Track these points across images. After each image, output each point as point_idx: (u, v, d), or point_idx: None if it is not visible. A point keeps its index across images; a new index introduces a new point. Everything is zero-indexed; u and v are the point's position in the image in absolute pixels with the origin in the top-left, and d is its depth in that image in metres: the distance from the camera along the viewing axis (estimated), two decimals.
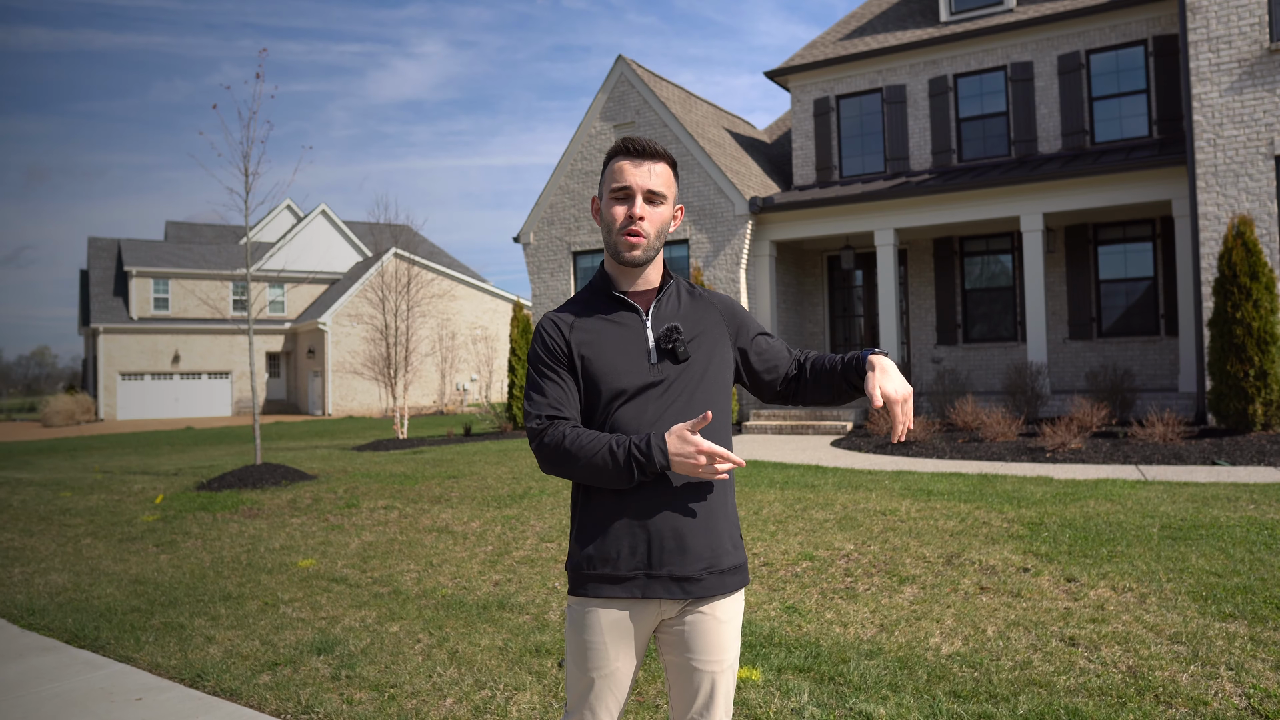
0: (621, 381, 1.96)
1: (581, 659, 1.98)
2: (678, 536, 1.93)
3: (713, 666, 1.99)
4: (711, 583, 1.96)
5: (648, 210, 1.99)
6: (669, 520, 1.93)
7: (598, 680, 1.97)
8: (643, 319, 2.02)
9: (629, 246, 1.98)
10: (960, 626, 4.22)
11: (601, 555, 1.95)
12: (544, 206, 17.51)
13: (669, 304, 2.05)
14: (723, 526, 1.99)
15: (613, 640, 1.96)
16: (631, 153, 2.00)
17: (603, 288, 2.07)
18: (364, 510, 8.37)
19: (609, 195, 2.01)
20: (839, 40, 17.08)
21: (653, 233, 2.00)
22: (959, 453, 10.32)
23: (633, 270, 2.04)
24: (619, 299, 2.03)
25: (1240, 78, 10.83)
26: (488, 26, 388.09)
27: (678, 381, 1.98)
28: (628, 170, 1.99)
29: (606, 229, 2.02)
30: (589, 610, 1.98)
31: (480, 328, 37.71)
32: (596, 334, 2.01)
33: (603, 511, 1.95)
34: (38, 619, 5.34)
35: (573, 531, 2.03)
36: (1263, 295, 9.70)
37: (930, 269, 16.12)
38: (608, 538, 1.95)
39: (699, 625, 1.97)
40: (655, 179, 1.99)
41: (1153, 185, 12.49)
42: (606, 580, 1.95)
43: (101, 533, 8.09)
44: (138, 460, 15.22)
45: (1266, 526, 5.69)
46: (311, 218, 41.08)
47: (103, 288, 36.37)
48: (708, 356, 2.02)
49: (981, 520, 6.32)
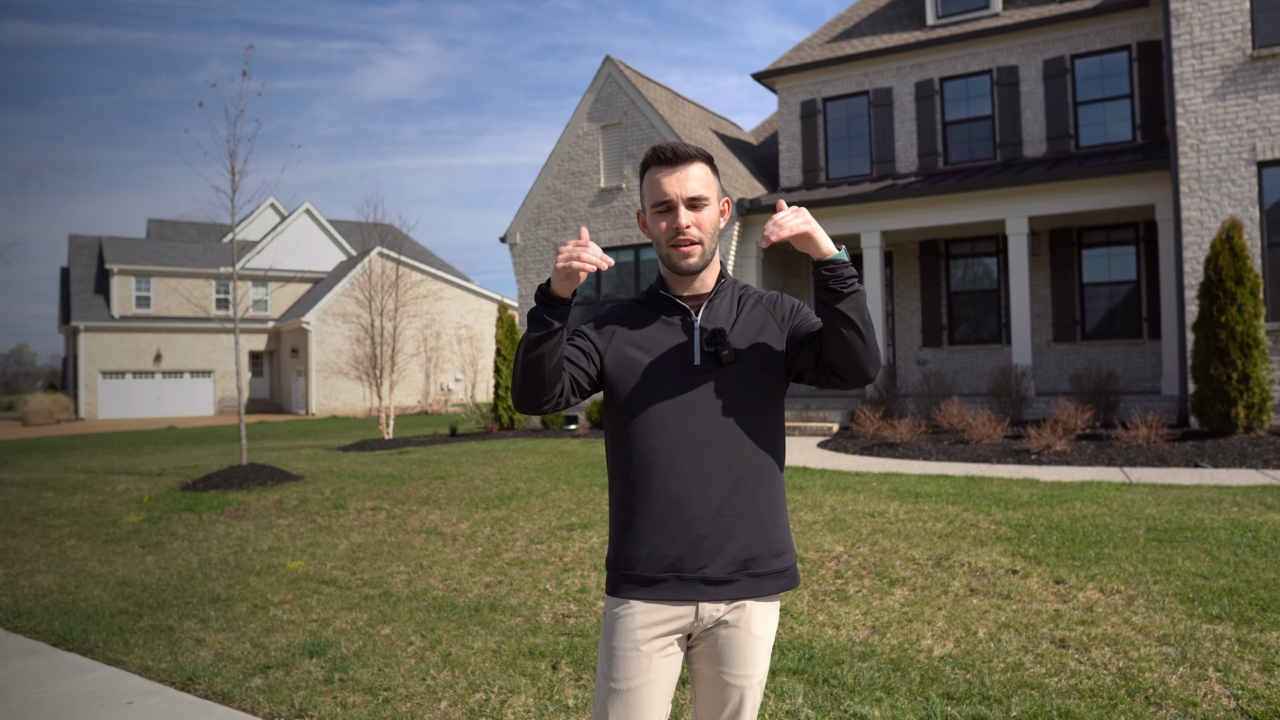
0: (662, 380, 1.94)
1: (607, 667, 1.92)
2: (717, 535, 1.88)
3: (743, 681, 1.94)
4: (746, 585, 1.90)
5: (693, 217, 1.94)
6: (708, 516, 1.88)
7: (620, 694, 1.89)
8: (692, 320, 1.99)
9: (683, 257, 1.95)
10: (951, 628, 4.25)
11: (633, 554, 1.91)
12: (531, 207, 17.49)
13: (721, 306, 2.01)
14: (768, 525, 1.93)
15: (639, 649, 1.89)
16: (664, 161, 1.95)
17: (659, 288, 2.05)
18: (351, 511, 8.34)
19: (652, 210, 1.97)
20: (826, 43, 17.15)
21: (705, 237, 1.96)
22: (945, 454, 10.39)
23: (689, 277, 2.01)
24: (670, 300, 2.01)
25: (1223, 84, 10.95)
26: (477, 25, 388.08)
27: (722, 382, 1.93)
28: (664, 180, 1.94)
29: (656, 242, 1.99)
30: (617, 615, 1.93)
31: (465, 327, 37.60)
32: (644, 334, 1.99)
33: (638, 504, 1.92)
34: (24, 621, 5.29)
35: (610, 526, 2.00)
36: (1247, 300, 9.81)
37: (916, 271, 16.21)
38: (639, 534, 1.91)
39: (733, 639, 1.92)
40: (694, 183, 1.94)
41: (1136, 190, 12.61)
42: (637, 582, 1.90)
43: (86, 534, 8.02)
44: (120, 460, 15.08)
45: (1250, 529, 5.76)
46: (295, 216, 40.84)
47: (83, 285, 36.02)
48: (756, 359, 1.97)
49: (969, 522, 6.37)
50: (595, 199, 16.70)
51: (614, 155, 16.56)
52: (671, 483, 1.89)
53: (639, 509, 1.92)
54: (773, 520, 1.95)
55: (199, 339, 36.39)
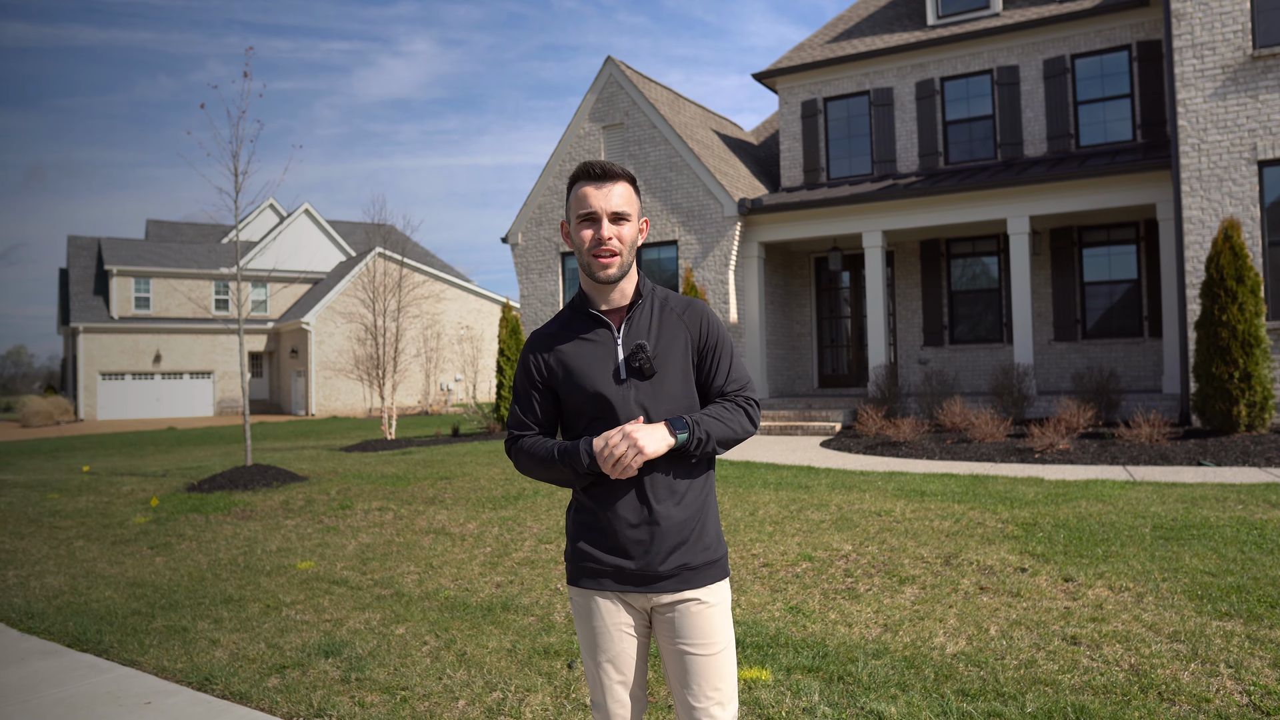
0: (591, 397, 2.13)
1: (589, 645, 2.19)
2: (655, 536, 2.10)
3: (703, 650, 2.13)
4: (685, 578, 2.12)
5: (615, 230, 2.12)
6: (643, 519, 2.09)
7: (603, 663, 2.17)
8: (614, 335, 2.16)
9: (602, 266, 2.12)
10: (963, 626, 4.28)
11: (587, 550, 2.15)
12: (532, 207, 17.51)
13: (640, 320, 2.18)
14: (696, 525, 2.14)
15: (606, 626, 2.16)
16: (593, 177, 2.13)
17: (580, 306, 2.21)
18: (358, 512, 8.36)
19: (576, 220, 2.14)
20: (827, 43, 17.18)
21: (624, 250, 2.13)
22: (949, 453, 10.42)
23: (608, 286, 2.16)
24: (594, 316, 2.18)
25: (1224, 83, 11.00)
26: (477, 25, 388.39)
27: (645, 395, 2.11)
28: (591, 195, 2.12)
29: (578, 250, 2.16)
30: (584, 600, 2.18)
31: (465, 327, 37.61)
32: (572, 353, 2.17)
33: (588, 509, 2.15)
34: (37, 623, 5.31)
35: (567, 525, 2.25)
36: (1248, 299, 9.85)
37: (917, 271, 16.24)
38: (592, 533, 2.15)
39: (687, 612, 2.13)
40: (618, 200, 2.12)
41: (1137, 189, 12.65)
42: (591, 574, 2.15)
43: (94, 535, 8.03)
44: (123, 461, 15.09)
45: (1256, 526, 5.80)
46: (295, 217, 40.83)
47: (82, 286, 35.99)
48: (677, 371, 2.15)
49: (976, 521, 6.40)
50: None
51: (615, 155, 16.58)
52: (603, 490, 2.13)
53: (588, 506, 2.16)
54: (709, 513, 2.19)
55: (198, 340, 36.37)
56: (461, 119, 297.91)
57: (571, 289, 17.15)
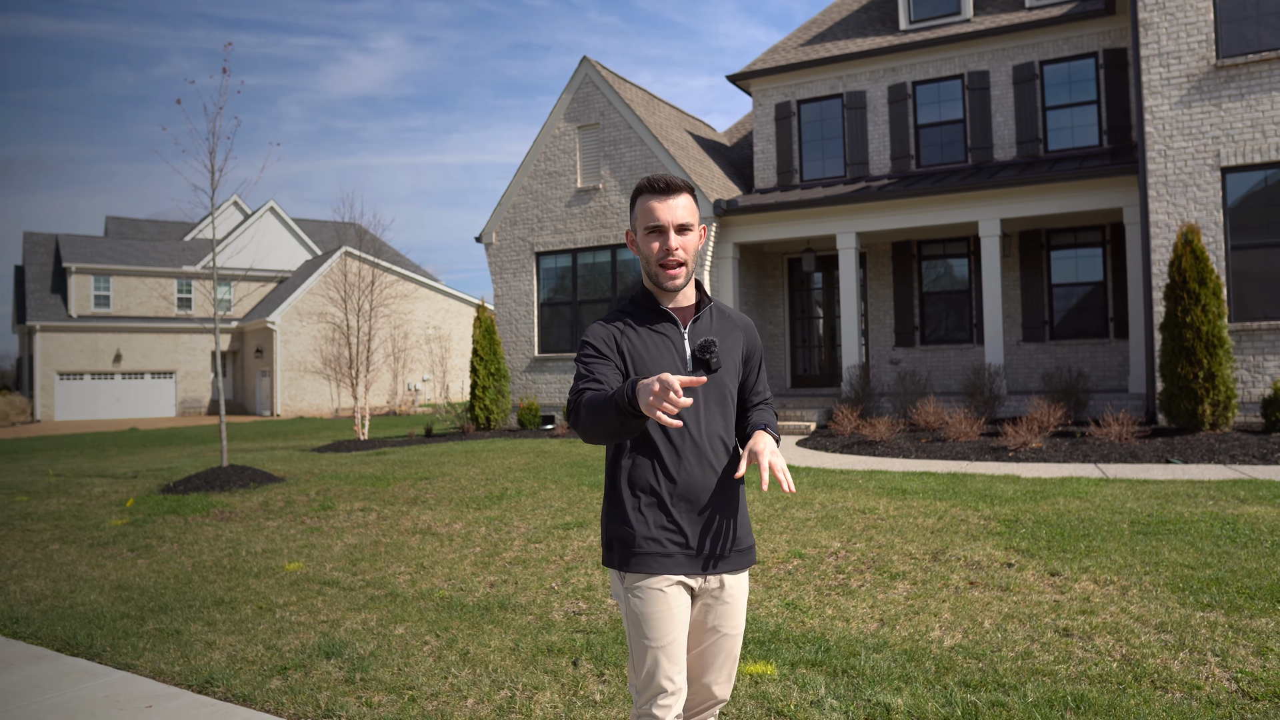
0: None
1: (653, 632, 2.20)
2: (719, 520, 2.26)
3: (733, 631, 2.32)
4: (737, 560, 2.31)
5: (680, 241, 2.26)
6: (711, 504, 2.25)
7: (667, 646, 2.19)
8: (681, 331, 2.32)
9: (670, 277, 2.27)
10: (958, 620, 4.39)
11: (654, 534, 2.22)
12: (506, 207, 17.46)
13: (704, 321, 2.36)
14: (740, 514, 2.34)
15: (671, 609, 2.21)
16: (657, 190, 2.26)
17: (646, 303, 2.35)
18: (340, 512, 8.30)
19: (644, 231, 2.27)
20: (800, 46, 17.35)
21: (689, 259, 2.28)
22: (924, 452, 10.59)
23: (673, 292, 2.32)
24: (662, 312, 2.33)
25: (1189, 92, 11.30)
26: (447, 22, 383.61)
27: (705, 388, 2.26)
28: (657, 208, 2.24)
29: (645, 260, 2.30)
30: (647, 586, 2.21)
31: (434, 327, 37.37)
32: (641, 339, 2.30)
33: (654, 493, 2.23)
34: (21, 627, 5.22)
35: (616, 511, 2.27)
36: (1211, 300, 10.14)
37: (889, 272, 16.47)
38: (660, 517, 2.23)
39: (730, 593, 2.31)
40: (682, 211, 2.25)
41: (1105, 193, 12.95)
42: (658, 556, 2.22)
43: (70, 538, 7.90)
44: (89, 463, 14.80)
45: (1229, 521, 5.99)
46: (260, 214, 40.26)
47: (39, 284, 35.18)
48: (731, 370, 2.36)
49: (959, 518, 6.53)
50: (572, 199, 16.72)
51: (591, 155, 16.60)
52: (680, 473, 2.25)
53: (646, 493, 2.25)
54: (744, 506, 2.38)
55: (160, 339, 35.73)
56: (429, 117, 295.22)
57: (545, 289, 17.15)
